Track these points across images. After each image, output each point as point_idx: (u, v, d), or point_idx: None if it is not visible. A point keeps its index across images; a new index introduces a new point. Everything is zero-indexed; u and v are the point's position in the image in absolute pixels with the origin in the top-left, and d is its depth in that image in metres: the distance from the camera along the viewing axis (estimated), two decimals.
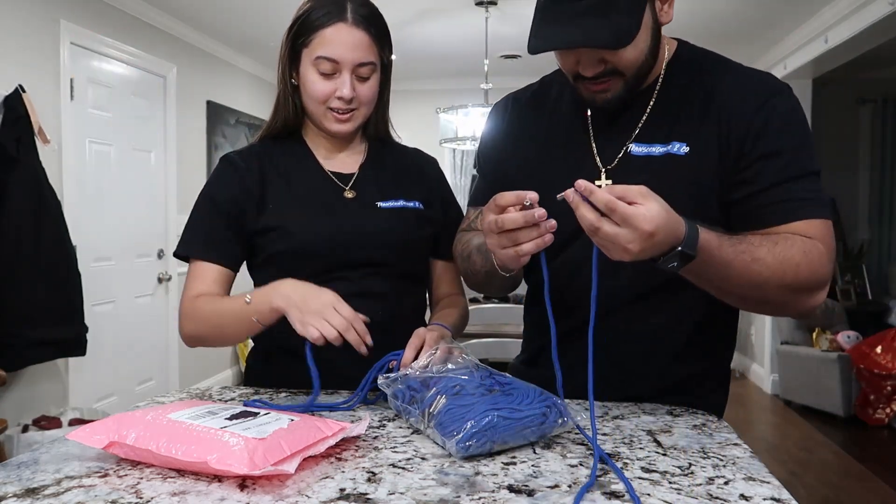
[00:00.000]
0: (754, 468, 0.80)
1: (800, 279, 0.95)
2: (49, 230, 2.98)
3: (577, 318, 1.00)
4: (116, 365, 3.80)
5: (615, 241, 0.83)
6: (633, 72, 1.01)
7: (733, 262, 0.92)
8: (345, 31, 1.16)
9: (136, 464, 0.80)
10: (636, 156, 1.06)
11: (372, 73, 1.21)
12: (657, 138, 1.05)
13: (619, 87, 1.02)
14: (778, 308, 1.06)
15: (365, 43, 1.18)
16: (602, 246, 0.85)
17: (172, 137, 4.30)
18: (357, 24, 1.17)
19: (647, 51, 1.01)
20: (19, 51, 3.08)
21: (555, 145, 1.14)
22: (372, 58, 1.19)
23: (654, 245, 0.84)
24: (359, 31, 1.17)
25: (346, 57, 1.17)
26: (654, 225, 0.82)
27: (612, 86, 1.02)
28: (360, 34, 1.17)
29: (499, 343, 2.95)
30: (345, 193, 1.25)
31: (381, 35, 1.21)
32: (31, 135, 2.95)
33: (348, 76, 1.18)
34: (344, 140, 1.28)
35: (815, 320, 4.82)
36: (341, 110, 1.20)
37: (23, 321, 2.86)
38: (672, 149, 1.04)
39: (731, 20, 4.22)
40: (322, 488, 0.73)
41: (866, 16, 3.65)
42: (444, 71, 5.61)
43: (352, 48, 1.17)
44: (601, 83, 1.01)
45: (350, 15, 1.17)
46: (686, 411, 1.04)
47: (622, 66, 0.99)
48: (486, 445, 0.82)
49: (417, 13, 4.16)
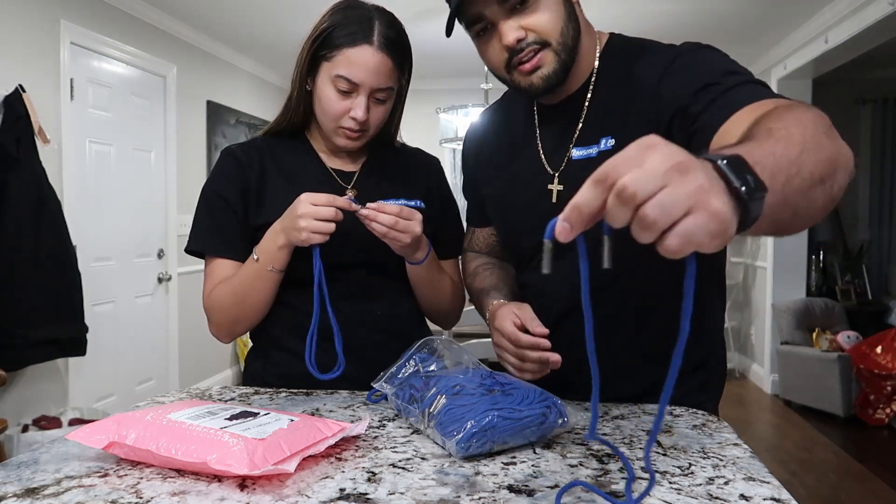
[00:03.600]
0: (754, 468, 0.80)
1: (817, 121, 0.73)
2: (49, 230, 2.98)
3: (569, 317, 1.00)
4: (116, 365, 3.80)
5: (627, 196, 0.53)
6: (558, 38, 1.01)
7: (773, 149, 0.66)
8: (369, 54, 1.14)
9: (136, 464, 0.80)
10: (577, 160, 1.07)
11: (388, 98, 1.20)
12: (592, 139, 1.07)
13: (551, 61, 1.02)
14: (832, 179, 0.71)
15: (387, 68, 1.16)
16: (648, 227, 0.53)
17: (172, 137, 4.30)
18: (382, 49, 1.15)
19: (563, 17, 1.01)
20: (19, 51, 3.08)
21: (512, 158, 1.18)
22: (391, 83, 1.18)
23: (683, 165, 0.53)
24: (383, 55, 1.15)
25: (366, 81, 1.15)
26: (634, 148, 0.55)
27: (543, 59, 1.02)
28: (384, 59, 1.15)
29: None
30: (346, 192, 1.25)
31: (404, 59, 1.21)
32: (31, 135, 2.95)
33: (364, 99, 1.17)
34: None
35: (815, 320, 4.83)
36: (353, 129, 1.19)
37: (23, 321, 2.86)
38: (602, 146, 1.05)
39: (731, 20, 4.22)
40: (322, 488, 0.73)
41: (866, 16, 3.65)
42: (444, 71, 5.61)
43: (374, 73, 1.15)
44: (531, 59, 1.01)
45: (376, 38, 1.15)
46: (686, 411, 1.04)
47: (541, 31, 1.00)
48: (486, 445, 0.82)
49: (417, 13, 4.16)
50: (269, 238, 1.16)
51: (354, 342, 1.22)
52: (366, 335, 1.22)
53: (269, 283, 1.19)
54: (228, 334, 1.25)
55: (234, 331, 1.25)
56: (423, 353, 1.04)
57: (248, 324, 1.24)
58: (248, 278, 1.19)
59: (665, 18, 4.19)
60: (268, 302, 1.22)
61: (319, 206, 1.10)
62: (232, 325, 1.24)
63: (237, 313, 1.22)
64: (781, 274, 5.03)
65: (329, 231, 1.11)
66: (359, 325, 1.22)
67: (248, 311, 1.22)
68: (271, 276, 1.18)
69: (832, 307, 4.94)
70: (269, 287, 1.19)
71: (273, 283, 1.19)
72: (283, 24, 4.35)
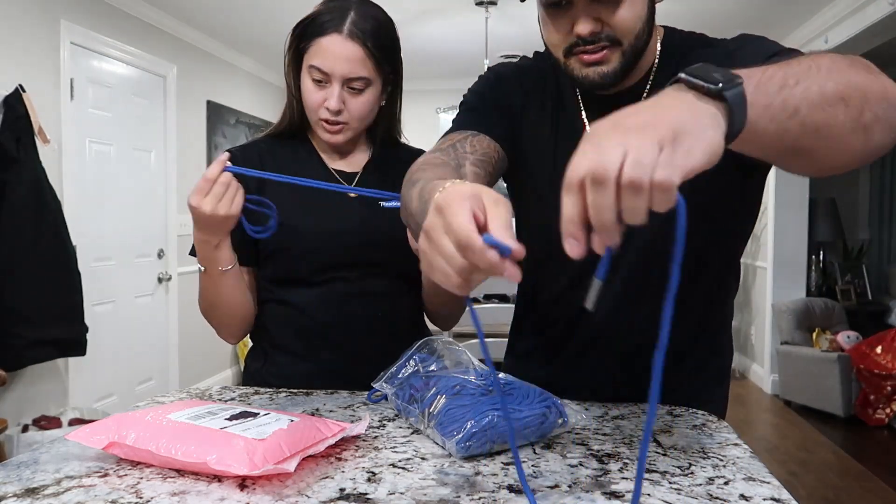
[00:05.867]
0: (754, 468, 0.80)
1: (845, 58, 0.71)
2: (49, 230, 2.98)
3: (566, 319, 0.99)
4: (116, 365, 3.80)
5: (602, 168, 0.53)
6: (631, 41, 0.95)
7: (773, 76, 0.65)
8: (338, 42, 1.15)
9: (136, 464, 0.80)
10: None
11: (366, 88, 1.19)
12: None
13: (615, 60, 0.96)
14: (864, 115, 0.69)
15: (357, 57, 1.15)
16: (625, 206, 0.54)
17: (172, 137, 4.30)
18: (352, 37, 1.15)
19: (644, 18, 0.95)
20: (19, 51, 3.08)
21: (556, 143, 1.09)
22: (364, 73, 1.17)
23: (629, 123, 0.55)
24: (352, 44, 1.15)
25: (335, 69, 1.15)
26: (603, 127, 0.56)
27: (608, 56, 0.95)
28: (354, 48, 1.15)
29: (499, 343, 2.94)
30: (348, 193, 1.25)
31: (381, 49, 1.18)
32: (31, 135, 2.95)
33: (337, 88, 1.17)
34: (348, 141, 1.28)
35: (815, 320, 4.83)
36: (330, 122, 1.19)
37: (23, 321, 2.86)
38: None
39: (730, 20, 4.22)
40: (322, 488, 0.73)
41: (866, 16, 3.65)
42: (444, 71, 5.61)
43: (342, 61, 1.15)
44: (597, 53, 0.95)
45: (347, 27, 1.15)
46: (686, 411, 1.04)
47: (619, 29, 0.93)
48: (486, 445, 0.82)
49: (417, 13, 4.16)
50: (199, 246, 1.15)
51: (354, 343, 1.22)
52: (365, 336, 1.22)
53: (231, 283, 1.19)
54: (230, 336, 1.27)
55: (231, 332, 1.26)
56: (423, 353, 1.04)
57: (238, 322, 1.25)
58: (209, 288, 1.19)
59: (665, 18, 4.16)
60: (241, 300, 1.22)
61: (200, 183, 1.09)
62: (225, 329, 1.25)
63: (220, 318, 1.24)
64: (781, 274, 5.03)
65: (218, 191, 1.09)
66: (358, 325, 1.22)
67: (226, 314, 1.23)
68: (230, 275, 1.18)
69: (832, 307, 4.94)
70: (232, 286, 1.19)
71: (235, 280, 1.19)
72: (283, 24, 4.33)
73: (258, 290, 1.28)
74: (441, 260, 0.60)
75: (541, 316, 1.18)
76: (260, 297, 1.28)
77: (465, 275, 0.59)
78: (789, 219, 4.98)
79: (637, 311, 1.04)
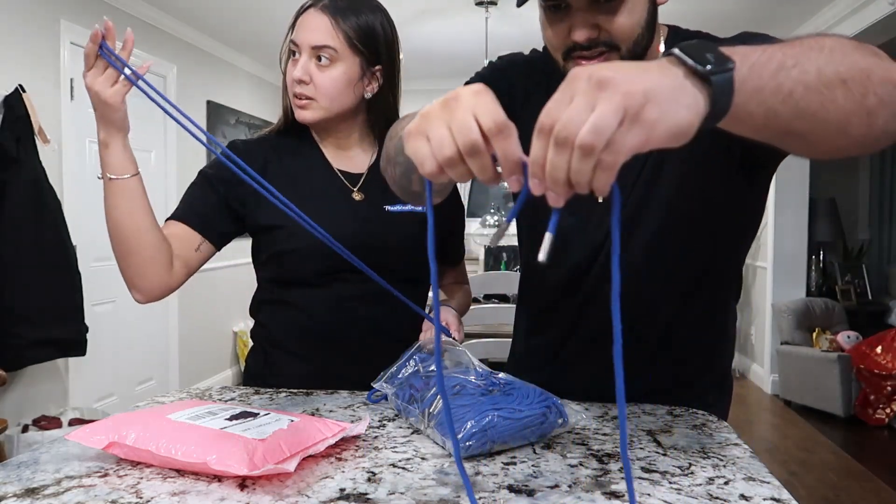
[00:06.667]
0: (754, 468, 0.80)
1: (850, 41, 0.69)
2: (49, 230, 2.98)
3: (566, 320, 0.99)
4: (116, 365, 3.80)
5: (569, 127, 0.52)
6: (629, 46, 0.93)
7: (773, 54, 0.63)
8: (311, 16, 1.19)
9: (136, 464, 0.80)
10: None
11: (333, 62, 1.18)
12: None
13: None
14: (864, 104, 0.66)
15: (324, 27, 1.18)
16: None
17: (172, 137, 4.30)
18: (323, 11, 1.18)
19: (643, 24, 0.94)
20: (19, 51, 3.08)
21: None
22: (329, 42, 1.17)
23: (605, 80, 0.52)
24: (321, 14, 1.18)
25: (304, 40, 1.18)
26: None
27: (606, 61, 0.93)
28: (322, 18, 1.18)
29: (499, 343, 2.94)
30: (353, 195, 1.25)
31: (356, 30, 1.19)
32: (31, 135, 2.95)
33: (304, 58, 1.18)
34: (350, 138, 1.28)
35: (815, 320, 4.83)
36: (298, 94, 1.20)
37: (23, 321, 2.86)
38: None
39: (731, 20, 4.22)
40: (322, 488, 0.73)
41: (866, 16, 3.65)
42: (444, 71, 5.60)
43: (310, 30, 1.18)
44: (594, 58, 0.93)
45: (321, 3, 1.19)
46: (686, 411, 1.04)
47: (617, 35, 0.92)
48: (486, 445, 0.82)
49: (417, 13, 4.16)
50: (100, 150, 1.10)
51: (356, 344, 1.22)
52: (366, 337, 1.22)
53: (125, 201, 1.10)
54: (133, 279, 1.15)
55: (131, 274, 1.14)
56: (424, 354, 1.04)
57: (136, 259, 1.13)
58: (105, 204, 1.11)
59: (665, 18, 4.17)
60: (139, 225, 1.11)
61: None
62: (122, 263, 1.15)
63: (114, 246, 1.14)
64: (781, 274, 5.03)
65: (100, 65, 1.09)
66: (361, 327, 1.22)
67: (118, 241, 1.13)
68: (124, 190, 1.10)
69: (832, 307, 4.94)
70: (127, 208, 1.10)
71: (132, 200, 1.10)
72: (283, 25, 4.33)
73: (258, 289, 1.28)
74: (444, 131, 0.58)
75: (541, 316, 1.18)
76: (260, 298, 1.28)
77: (452, 160, 0.58)
78: (789, 219, 4.98)
79: (637, 311, 1.04)
